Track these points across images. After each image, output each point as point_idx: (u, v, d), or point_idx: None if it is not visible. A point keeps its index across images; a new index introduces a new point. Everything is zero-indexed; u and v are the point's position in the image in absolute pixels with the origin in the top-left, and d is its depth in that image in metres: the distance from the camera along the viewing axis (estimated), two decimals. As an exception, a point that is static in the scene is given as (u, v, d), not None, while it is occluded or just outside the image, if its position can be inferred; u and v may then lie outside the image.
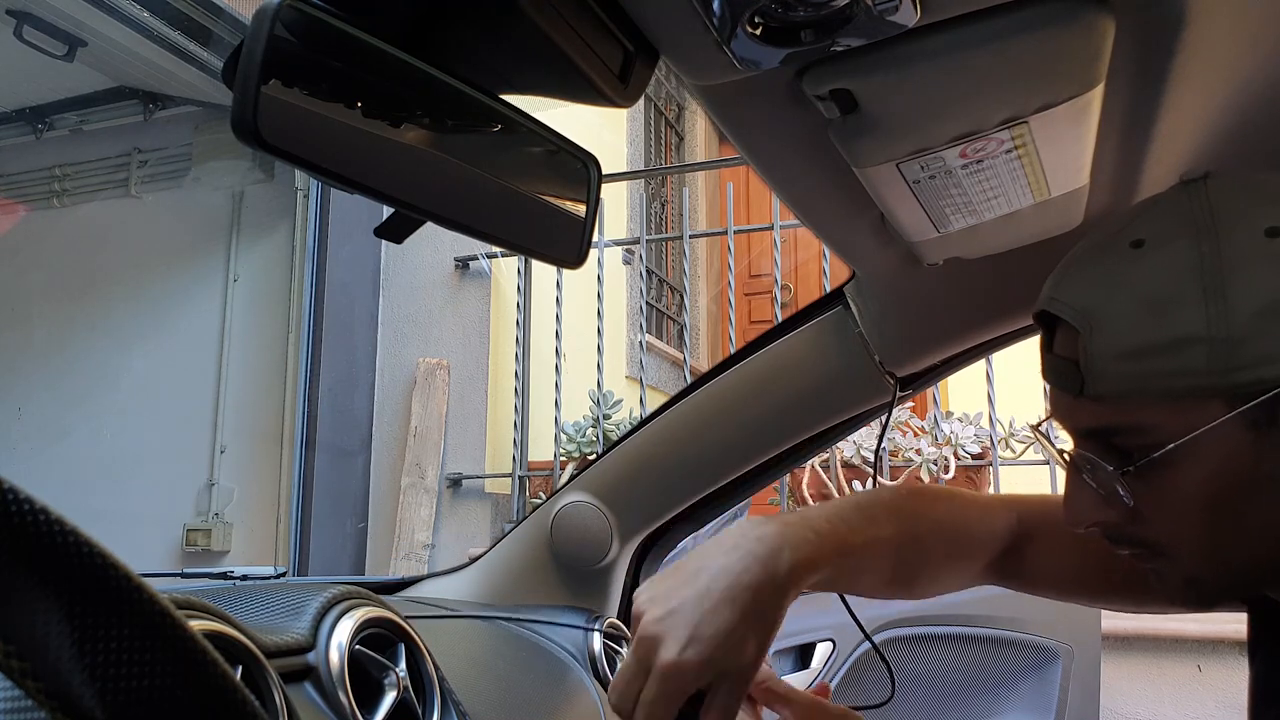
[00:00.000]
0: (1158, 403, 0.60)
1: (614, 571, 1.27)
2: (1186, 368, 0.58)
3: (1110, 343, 0.60)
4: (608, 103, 0.54)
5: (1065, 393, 0.65)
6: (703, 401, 1.16)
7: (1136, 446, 0.61)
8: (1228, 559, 0.63)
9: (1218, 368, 0.57)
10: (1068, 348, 0.64)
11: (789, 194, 0.77)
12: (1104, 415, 0.62)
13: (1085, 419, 0.64)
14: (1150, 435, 0.61)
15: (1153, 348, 0.59)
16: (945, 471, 2.77)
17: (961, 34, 0.53)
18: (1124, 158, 0.73)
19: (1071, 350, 0.63)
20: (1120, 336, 0.60)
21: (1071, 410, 0.65)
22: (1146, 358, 0.59)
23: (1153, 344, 0.59)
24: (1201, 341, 0.57)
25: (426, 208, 0.53)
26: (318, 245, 3.67)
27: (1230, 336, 0.57)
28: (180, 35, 3.41)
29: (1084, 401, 0.63)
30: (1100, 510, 0.66)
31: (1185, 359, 0.58)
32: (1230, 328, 0.57)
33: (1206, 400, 0.58)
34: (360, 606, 0.73)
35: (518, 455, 3.41)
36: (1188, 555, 0.64)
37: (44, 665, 0.29)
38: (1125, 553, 0.68)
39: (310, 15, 0.45)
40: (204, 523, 3.71)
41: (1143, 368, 0.59)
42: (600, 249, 3.31)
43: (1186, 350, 0.58)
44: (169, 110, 4.06)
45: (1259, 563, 0.63)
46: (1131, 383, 0.60)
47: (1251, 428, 0.58)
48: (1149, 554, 0.66)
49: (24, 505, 0.28)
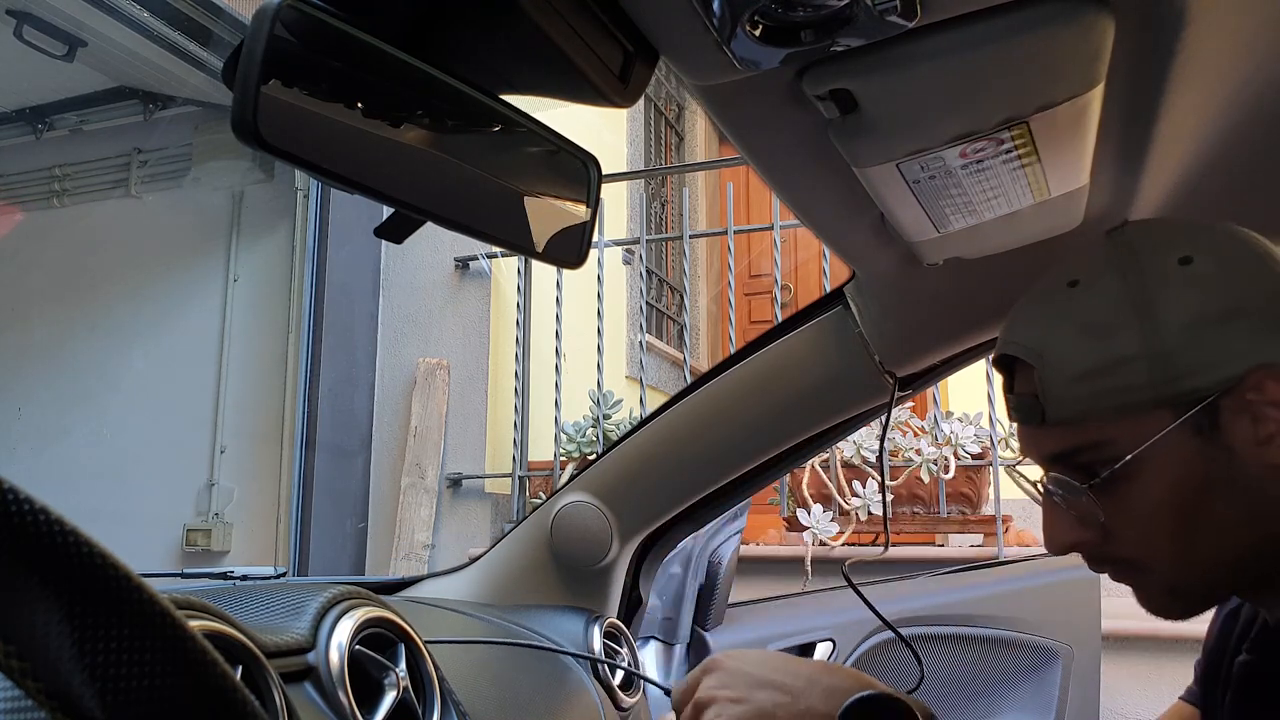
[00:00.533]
0: (1111, 419, 0.66)
1: (614, 571, 1.27)
2: (1130, 383, 0.65)
3: (1061, 370, 0.67)
4: (608, 103, 0.54)
5: (1029, 425, 0.71)
6: (703, 401, 1.16)
7: (1098, 462, 0.67)
8: (1198, 564, 0.68)
9: (1158, 380, 0.64)
10: (1026, 384, 0.71)
11: (789, 194, 0.77)
12: (1065, 439, 0.69)
13: (1049, 445, 0.70)
14: (1108, 450, 0.66)
15: (1099, 369, 0.66)
16: (945, 471, 2.77)
17: (961, 34, 0.53)
18: (1124, 158, 0.73)
19: (1029, 386, 0.70)
20: (1069, 363, 0.67)
21: (1037, 440, 0.71)
22: (1094, 379, 0.66)
23: (1098, 366, 0.66)
24: (1140, 358, 0.64)
25: (426, 208, 0.53)
26: (318, 245, 3.67)
27: (1164, 350, 0.64)
28: (180, 35, 3.41)
29: (1046, 429, 0.69)
30: (1076, 532, 0.71)
31: (1128, 375, 0.65)
32: (1163, 342, 0.64)
33: (1153, 411, 0.65)
34: (360, 606, 0.73)
35: (518, 455, 3.41)
36: (1163, 566, 0.68)
37: (44, 665, 0.29)
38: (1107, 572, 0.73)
39: (310, 15, 0.45)
40: (204, 523, 3.71)
41: (1093, 388, 0.66)
42: (600, 249, 3.31)
43: (1128, 367, 0.65)
44: (169, 110, 4.06)
45: (1228, 564, 0.67)
46: (1085, 404, 0.66)
47: (1198, 434, 0.64)
48: (1128, 570, 0.71)
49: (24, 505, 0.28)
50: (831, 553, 2.71)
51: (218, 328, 3.87)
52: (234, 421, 3.79)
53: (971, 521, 2.87)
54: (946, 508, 2.84)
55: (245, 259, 3.92)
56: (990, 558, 2.65)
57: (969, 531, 2.92)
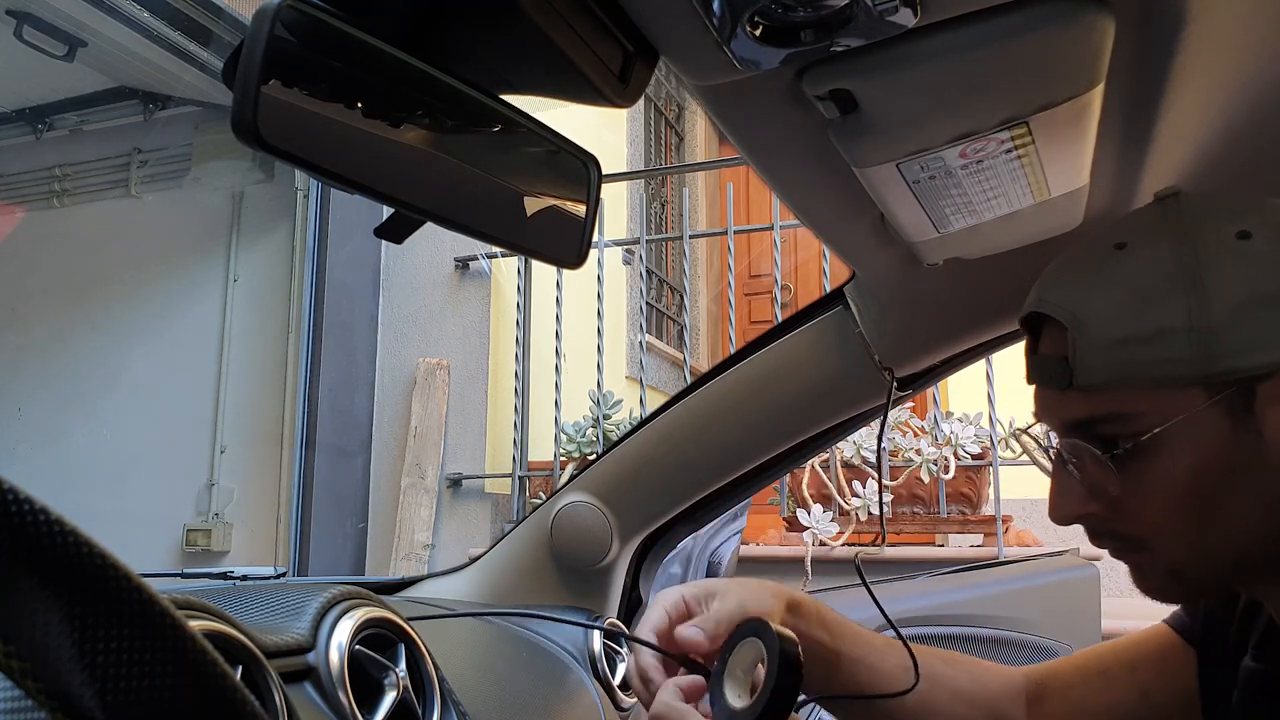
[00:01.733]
0: (1143, 390, 0.63)
1: (614, 572, 1.27)
2: (1170, 356, 0.62)
3: (1098, 334, 0.64)
4: (608, 103, 0.54)
5: (1052, 389, 0.68)
6: (703, 401, 1.16)
7: (1121, 435, 0.64)
8: (1208, 549, 0.65)
9: (1198, 355, 0.61)
10: (1054, 346, 0.67)
11: (789, 194, 0.77)
12: (1091, 405, 0.66)
13: (1072, 411, 0.67)
14: (1135, 423, 0.64)
15: (1138, 337, 0.62)
16: (945, 471, 2.77)
17: (961, 34, 0.53)
18: (1124, 158, 0.73)
19: (1058, 348, 0.67)
20: (1107, 328, 0.64)
21: (1058, 405, 0.68)
22: (1132, 347, 0.63)
23: (1138, 333, 0.62)
24: (1183, 331, 0.61)
25: (426, 208, 0.53)
26: (318, 245, 3.67)
27: (1210, 326, 0.61)
28: (180, 35, 3.41)
29: (1071, 395, 0.66)
30: (1084, 503, 0.69)
31: (1169, 347, 0.62)
32: (1210, 318, 0.61)
33: (1188, 388, 0.62)
34: (360, 607, 0.73)
35: (518, 455, 3.41)
36: (1169, 545, 0.66)
37: (44, 665, 0.29)
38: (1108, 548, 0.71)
39: (310, 15, 0.45)
40: (204, 523, 3.71)
41: (1129, 356, 0.63)
42: (600, 249, 3.31)
43: (1170, 339, 0.61)
44: (169, 110, 4.06)
45: (1238, 553, 0.65)
46: (1118, 371, 0.63)
47: (1229, 415, 0.62)
48: (1132, 547, 0.69)
49: (24, 505, 0.28)
50: (831, 553, 2.71)
51: (218, 328, 3.88)
52: (234, 421, 3.79)
53: (971, 521, 2.87)
54: (946, 508, 2.84)
55: (245, 259, 3.92)
56: (990, 558, 2.65)
57: (969, 531, 2.92)
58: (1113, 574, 2.63)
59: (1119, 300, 0.64)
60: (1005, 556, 2.66)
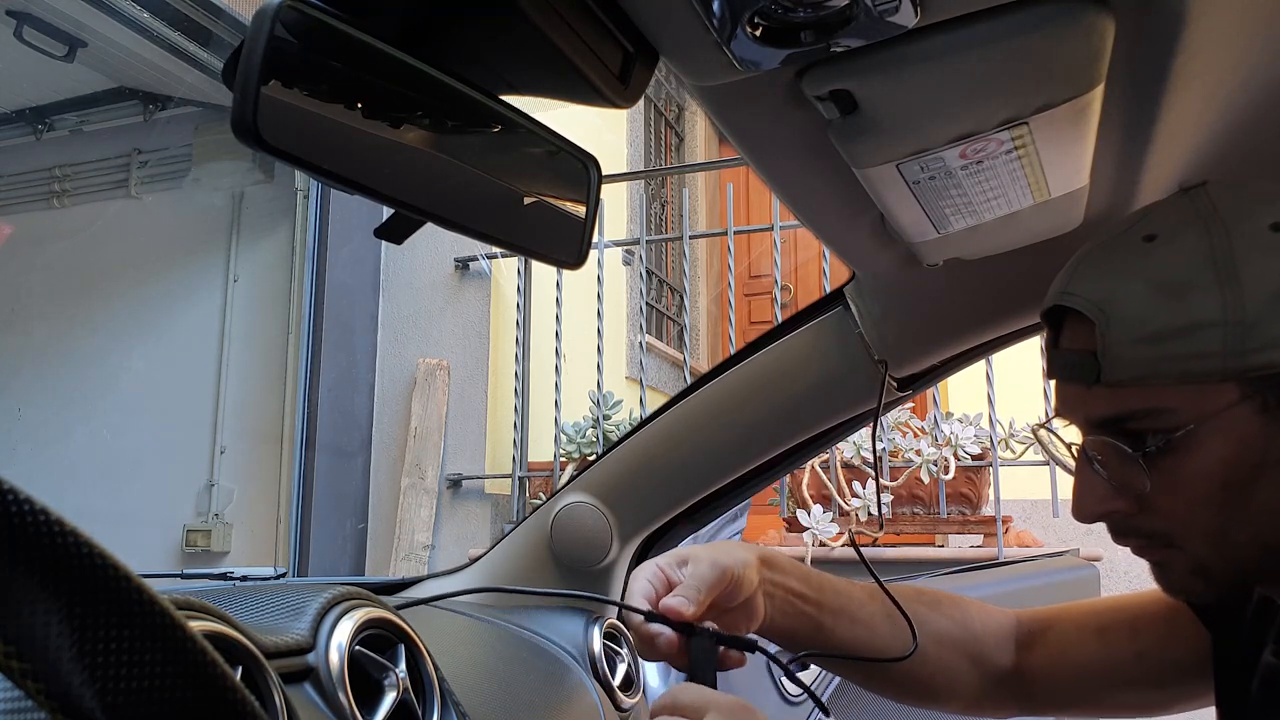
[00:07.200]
0: (1174, 386, 0.62)
1: (614, 572, 1.27)
2: (1203, 350, 0.60)
3: (1128, 329, 0.62)
4: (608, 104, 0.54)
5: (1077, 384, 0.66)
6: (702, 402, 1.16)
7: (1151, 431, 0.63)
8: (1235, 545, 0.64)
9: (1233, 350, 0.59)
10: (1080, 341, 0.66)
11: (789, 194, 0.77)
12: (1120, 402, 0.64)
13: (1099, 408, 0.65)
14: (1166, 419, 0.62)
15: (1170, 331, 0.61)
16: (945, 472, 2.77)
17: (961, 34, 0.53)
18: (1124, 158, 0.73)
19: (1084, 342, 0.65)
20: (1138, 322, 0.62)
21: (1083, 401, 0.67)
22: (1164, 341, 0.61)
23: (1170, 328, 0.61)
24: (1217, 325, 0.60)
25: (426, 208, 0.53)
26: (318, 246, 3.67)
27: (1244, 320, 0.59)
28: (180, 36, 3.41)
29: (1098, 391, 0.64)
30: (1109, 502, 0.67)
31: (1201, 342, 0.60)
32: (1244, 311, 0.59)
33: (1221, 384, 0.60)
34: (360, 607, 0.73)
35: (518, 456, 3.41)
36: (1196, 542, 0.65)
37: (44, 666, 0.29)
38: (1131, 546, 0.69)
39: (310, 15, 0.45)
40: (204, 523, 3.71)
41: (1160, 351, 0.61)
42: (600, 249, 3.31)
43: (1202, 333, 0.60)
44: (169, 111, 4.06)
45: (1265, 550, 0.64)
46: (1149, 367, 0.62)
47: (1263, 411, 0.60)
48: (1158, 545, 0.67)
49: (24, 505, 0.28)
50: (831, 553, 2.71)
51: (218, 328, 3.88)
52: (234, 422, 3.79)
53: (971, 522, 2.87)
54: (946, 508, 2.84)
55: (245, 259, 3.93)
56: (990, 558, 2.65)
57: (969, 532, 2.92)
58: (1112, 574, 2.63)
59: (1149, 293, 0.62)
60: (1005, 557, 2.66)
